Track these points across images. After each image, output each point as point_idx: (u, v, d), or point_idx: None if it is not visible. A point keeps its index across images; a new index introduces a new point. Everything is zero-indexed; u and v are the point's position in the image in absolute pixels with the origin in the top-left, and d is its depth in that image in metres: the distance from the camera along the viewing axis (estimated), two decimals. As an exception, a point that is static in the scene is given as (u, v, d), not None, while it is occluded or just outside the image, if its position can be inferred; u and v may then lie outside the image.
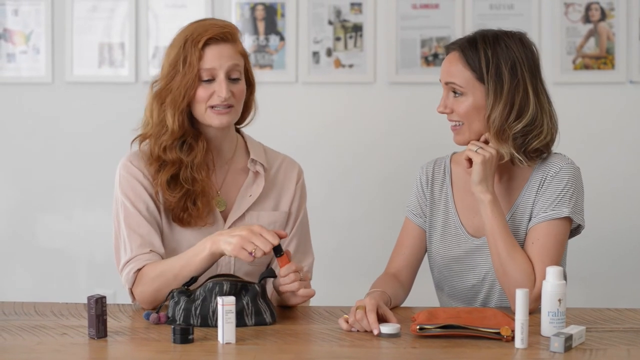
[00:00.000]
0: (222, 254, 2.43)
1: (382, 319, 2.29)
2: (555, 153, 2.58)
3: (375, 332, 2.24)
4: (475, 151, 2.48)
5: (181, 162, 2.56)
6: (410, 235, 2.70)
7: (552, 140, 2.55)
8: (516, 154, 2.50)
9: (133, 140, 2.62)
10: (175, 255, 2.54)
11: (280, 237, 2.39)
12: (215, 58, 2.53)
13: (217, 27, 2.55)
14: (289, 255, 2.43)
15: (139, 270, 2.51)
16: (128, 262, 2.54)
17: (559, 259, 2.49)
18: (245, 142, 2.71)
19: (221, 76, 2.53)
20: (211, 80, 2.53)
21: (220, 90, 2.52)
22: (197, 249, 2.45)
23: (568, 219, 2.50)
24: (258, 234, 2.36)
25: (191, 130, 2.58)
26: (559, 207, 2.49)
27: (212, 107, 2.54)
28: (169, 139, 2.55)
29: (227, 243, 2.38)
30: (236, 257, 2.42)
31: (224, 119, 2.55)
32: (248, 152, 2.69)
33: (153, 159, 2.58)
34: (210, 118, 2.55)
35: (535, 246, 2.48)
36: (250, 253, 2.35)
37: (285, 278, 2.41)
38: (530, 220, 2.53)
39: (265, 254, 2.35)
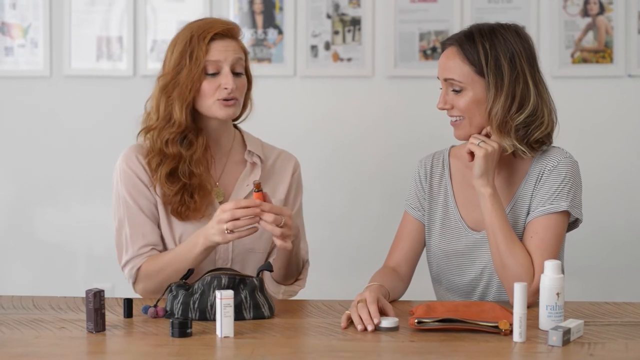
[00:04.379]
0: (215, 246, 2.50)
1: (380, 312, 2.30)
2: (554, 147, 2.58)
3: (376, 320, 2.24)
4: (478, 144, 2.48)
5: (180, 157, 2.61)
6: (408, 229, 2.70)
7: (552, 131, 2.56)
8: (519, 145, 2.51)
9: (139, 133, 2.66)
10: (173, 247, 2.63)
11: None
12: (221, 51, 2.59)
13: (222, 23, 2.63)
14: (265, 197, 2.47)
15: (139, 268, 2.61)
16: (130, 260, 2.62)
17: (557, 253, 2.49)
18: (242, 136, 2.77)
19: (226, 69, 2.59)
20: (216, 73, 2.59)
21: (226, 82, 2.58)
22: (189, 245, 2.53)
23: (566, 213, 2.51)
24: (222, 212, 2.42)
25: (193, 125, 2.63)
26: (557, 201, 2.49)
27: (218, 99, 2.59)
28: (175, 132, 2.60)
29: (214, 235, 2.45)
30: (228, 242, 2.47)
31: (230, 110, 2.61)
32: (245, 145, 2.74)
33: (155, 152, 2.63)
34: (217, 110, 2.60)
35: (533, 240, 2.48)
36: (226, 231, 2.41)
37: (267, 215, 2.42)
38: (528, 213, 2.53)
39: (235, 222, 2.40)
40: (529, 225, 2.51)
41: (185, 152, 2.61)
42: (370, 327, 2.24)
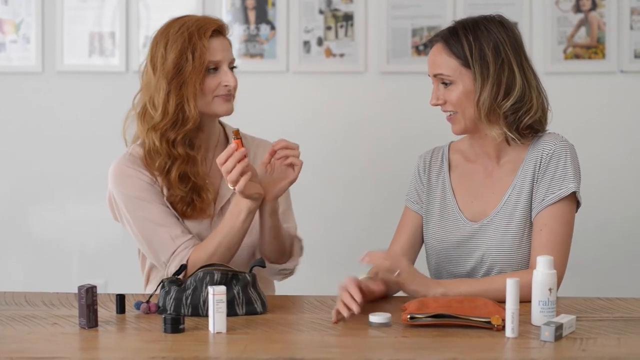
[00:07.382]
0: (257, 204, 2.54)
1: (368, 293, 2.33)
2: (548, 132, 2.61)
3: (358, 300, 2.24)
4: (396, 275, 2.41)
5: (189, 157, 2.63)
6: (408, 222, 2.72)
7: (544, 117, 2.59)
8: (509, 132, 2.54)
9: (147, 132, 2.62)
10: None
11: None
12: (220, 50, 2.62)
13: (214, 21, 2.65)
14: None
15: (188, 259, 2.58)
16: (174, 253, 2.59)
17: (568, 242, 2.52)
18: (224, 129, 2.79)
19: (225, 66, 2.63)
20: (215, 69, 2.61)
21: (227, 79, 2.62)
22: (232, 218, 2.55)
23: (573, 196, 2.53)
24: (222, 163, 2.47)
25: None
26: (565, 184, 2.52)
27: (216, 96, 2.62)
28: (185, 130, 2.60)
29: (241, 191, 2.47)
30: (252, 192, 2.50)
31: (230, 105, 2.65)
32: (227, 138, 2.77)
33: (162, 155, 2.61)
34: (217, 106, 2.63)
35: (543, 233, 2.50)
36: (233, 189, 2.47)
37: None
38: (531, 202, 2.55)
39: (236, 158, 2.45)
40: (537, 219, 2.53)
41: (191, 151, 2.62)
42: (354, 308, 2.23)
